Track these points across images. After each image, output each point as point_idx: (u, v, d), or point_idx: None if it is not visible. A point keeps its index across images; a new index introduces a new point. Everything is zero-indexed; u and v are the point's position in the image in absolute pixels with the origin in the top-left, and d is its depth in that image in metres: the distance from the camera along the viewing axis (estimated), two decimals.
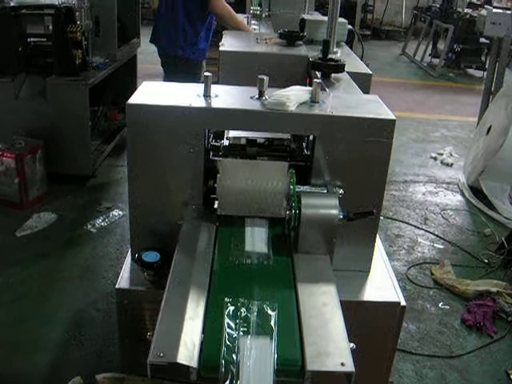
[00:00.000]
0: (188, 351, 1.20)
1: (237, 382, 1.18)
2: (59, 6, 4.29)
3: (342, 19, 2.87)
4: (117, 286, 1.78)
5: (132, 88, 5.72)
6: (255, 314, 1.33)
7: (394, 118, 1.72)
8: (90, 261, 3.66)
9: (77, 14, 4.45)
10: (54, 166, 4.43)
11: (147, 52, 6.99)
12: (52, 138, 4.37)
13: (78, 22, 4.42)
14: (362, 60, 2.94)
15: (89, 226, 3.99)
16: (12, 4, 4.47)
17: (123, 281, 1.80)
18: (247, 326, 1.29)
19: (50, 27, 4.35)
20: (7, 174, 4.14)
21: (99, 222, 4.12)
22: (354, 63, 2.71)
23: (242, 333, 1.27)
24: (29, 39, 4.43)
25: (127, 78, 5.76)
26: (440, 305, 3.54)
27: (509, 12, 5.88)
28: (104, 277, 3.51)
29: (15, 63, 4.34)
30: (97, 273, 3.57)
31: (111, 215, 4.23)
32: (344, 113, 1.73)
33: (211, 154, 1.91)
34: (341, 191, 1.71)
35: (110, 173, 4.97)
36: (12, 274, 3.50)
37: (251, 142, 2.00)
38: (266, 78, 1.77)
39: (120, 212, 4.25)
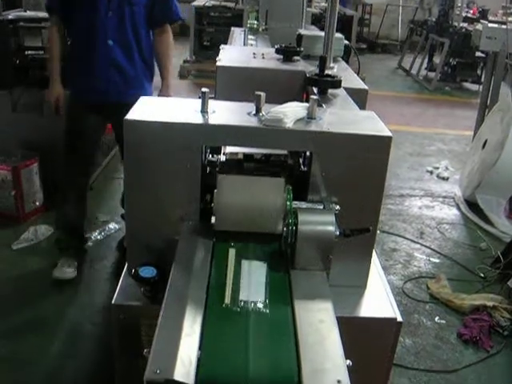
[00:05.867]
0: (185, 368, 1.19)
1: None
2: None
3: (338, 34, 2.88)
4: (113, 302, 1.77)
5: None
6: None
7: (390, 134, 1.72)
8: (86, 274, 3.66)
9: None
10: (50, 178, 4.43)
11: None
12: (49, 150, 4.37)
13: None
14: (358, 75, 2.95)
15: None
16: (10, 17, 4.49)
17: (119, 296, 1.80)
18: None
19: None
20: (4, 186, 4.14)
21: (95, 235, 4.11)
22: (351, 78, 2.71)
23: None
24: (26, 52, 4.44)
25: None
26: (436, 319, 3.55)
27: (504, 27, 5.92)
28: (100, 291, 3.50)
29: (12, 76, 4.35)
30: (93, 286, 3.56)
31: (107, 228, 4.23)
32: (341, 129, 1.74)
33: (208, 169, 1.92)
34: (337, 207, 1.72)
35: (106, 185, 4.97)
36: (8, 287, 3.49)
37: (248, 157, 2.01)
38: (262, 94, 1.78)
39: (116, 225, 4.25)
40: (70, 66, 3.46)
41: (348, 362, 1.27)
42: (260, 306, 1.41)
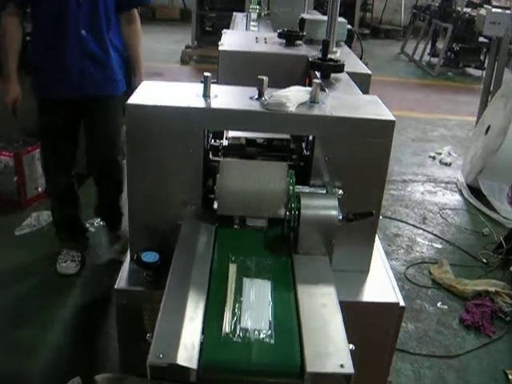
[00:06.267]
0: (187, 352, 1.20)
1: None
2: None
3: (341, 19, 2.87)
4: (116, 287, 1.77)
5: (131, 85, 5.72)
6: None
7: (393, 118, 1.72)
8: (88, 260, 3.66)
9: None
10: None
11: (146, 50, 6.99)
12: None
13: None
14: (361, 60, 2.94)
15: (87, 225, 3.97)
16: None
17: (122, 281, 1.80)
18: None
19: None
20: (6, 172, 4.13)
21: (98, 220, 4.11)
22: (354, 63, 2.70)
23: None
24: (27, 38, 4.41)
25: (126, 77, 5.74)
26: (438, 304, 3.55)
27: (508, 11, 5.88)
28: (102, 276, 3.50)
29: None
30: (95, 272, 3.56)
31: None
32: (343, 113, 1.73)
33: (211, 154, 1.91)
34: (340, 192, 1.71)
35: None
36: (10, 273, 3.49)
37: (251, 142, 2.00)
38: (265, 78, 1.77)
39: None
40: (37, 59, 3.16)
41: (351, 346, 1.27)
42: (264, 335, 1.32)
